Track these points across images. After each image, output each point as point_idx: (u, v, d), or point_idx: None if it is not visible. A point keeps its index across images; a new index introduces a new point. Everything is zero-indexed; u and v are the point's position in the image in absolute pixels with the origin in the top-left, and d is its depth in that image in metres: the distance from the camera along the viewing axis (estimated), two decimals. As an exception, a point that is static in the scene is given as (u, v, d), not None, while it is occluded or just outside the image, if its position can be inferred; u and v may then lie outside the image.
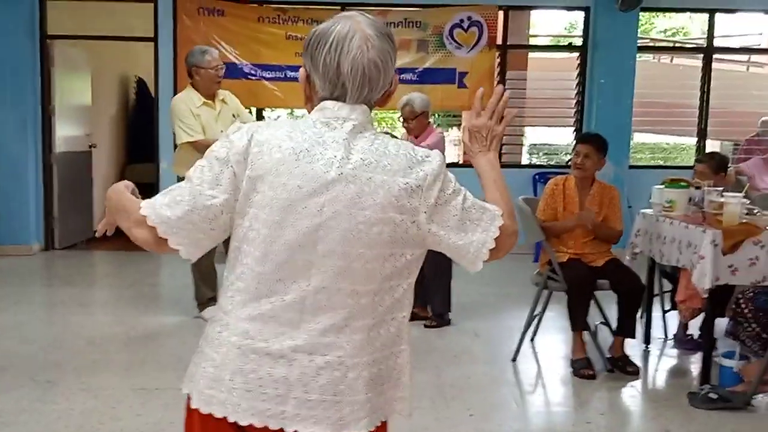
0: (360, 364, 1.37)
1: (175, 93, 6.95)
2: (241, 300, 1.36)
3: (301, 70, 1.43)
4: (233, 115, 4.72)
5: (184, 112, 4.58)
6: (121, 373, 3.96)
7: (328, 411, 1.35)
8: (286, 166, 1.32)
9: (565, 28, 15.82)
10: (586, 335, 4.05)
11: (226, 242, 1.42)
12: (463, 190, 1.42)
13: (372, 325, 1.38)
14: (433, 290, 4.75)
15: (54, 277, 6.53)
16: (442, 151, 4.64)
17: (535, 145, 10.90)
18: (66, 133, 7.38)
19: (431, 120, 5.05)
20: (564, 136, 9.00)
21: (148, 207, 1.35)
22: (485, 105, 1.60)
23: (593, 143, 4.12)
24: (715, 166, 4.42)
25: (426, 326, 4.73)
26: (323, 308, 1.35)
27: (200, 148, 4.44)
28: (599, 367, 4.01)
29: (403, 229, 1.35)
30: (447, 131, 13.27)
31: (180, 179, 4.62)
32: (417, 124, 4.70)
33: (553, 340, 4.60)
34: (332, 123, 1.36)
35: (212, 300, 4.67)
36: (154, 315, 5.04)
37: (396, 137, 1.56)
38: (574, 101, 7.65)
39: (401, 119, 4.80)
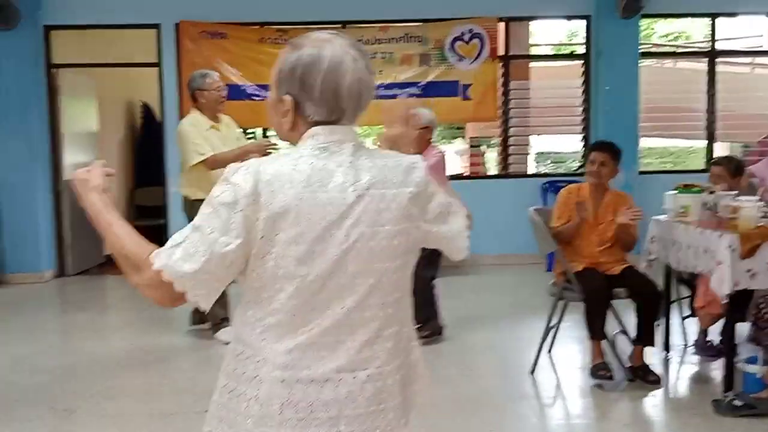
0: (394, 369, 1.42)
1: (180, 116, 7.00)
2: (276, 334, 1.35)
3: (287, 98, 1.39)
4: (236, 139, 4.83)
5: (193, 133, 4.60)
6: (139, 398, 3.94)
7: (377, 420, 1.39)
8: (304, 201, 1.31)
9: (567, 36, 15.86)
10: (604, 344, 4.01)
11: None
12: (439, 189, 1.53)
13: (398, 331, 1.44)
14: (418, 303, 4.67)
15: (67, 303, 6.53)
16: (442, 171, 4.62)
17: (542, 153, 10.90)
18: (74, 159, 7.41)
19: (434, 137, 5.00)
20: (571, 144, 8.98)
21: (161, 263, 1.29)
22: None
23: (609, 151, 4.10)
24: (732, 169, 4.38)
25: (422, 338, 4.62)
26: (358, 326, 1.38)
27: (213, 164, 4.48)
28: (620, 377, 3.96)
29: (414, 235, 1.44)
30: (451, 142, 13.30)
31: (189, 201, 4.65)
32: (418, 137, 4.65)
33: (571, 351, 4.55)
34: (331, 148, 1.37)
35: (225, 320, 4.66)
36: (168, 338, 5.02)
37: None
38: (580, 109, 7.64)
39: None
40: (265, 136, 7.81)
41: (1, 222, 6.93)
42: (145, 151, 8.95)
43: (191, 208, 4.69)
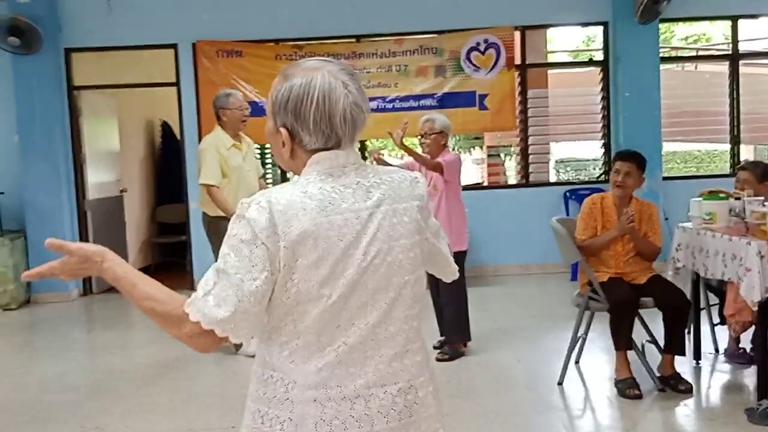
0: (425, 381, 1.46)
1: (199, 133, 7.09)
2: (304, 356, 1.36)
3: (282, 130, 1.40)
4: (256, 158, 4.97)
5: (210, 154, 4.70)
6: (167, 414, 3.94)
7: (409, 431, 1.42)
8: (319, 225, 1.33)
9: (583, 42, 15.79)
10: (632, 354, 3.95)
11: None
12: None
13: (423, 343, 1.49)
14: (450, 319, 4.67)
15: (93, 322, 6.59)
16: (458, 170, 4.64)
17: (561, 161, 10.83)
18: (97, 179, 7.51)
19: (450, 144, 5.00)
20: (591, 151, 8.91)
21: (199, 314, 1.31)
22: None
23: (634, 161, 4.05)
24: (759, 174, 4.29)
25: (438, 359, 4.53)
26: (384, 340, 1.40)
27: (211, 193, 4.60)
28: (650, 387, 3.90)
29: (426, 247, 1.49)
30: (470, 152, 13.25)
31: (208, 217, 4.71)
32: (433, 143, 4.66)
33: (599, 361, 4.49)
34: (336, 172, 1.39)
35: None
36: (192, 354, 5.03)
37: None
38: (600, 115, 7.58)
39: (419, 136, 4.79)
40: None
41: (28, 242, 7.03)
42: (166, 168, 9.05)
43: (210, 224, 4.74)
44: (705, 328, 4.50)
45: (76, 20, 7.17)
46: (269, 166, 7.79)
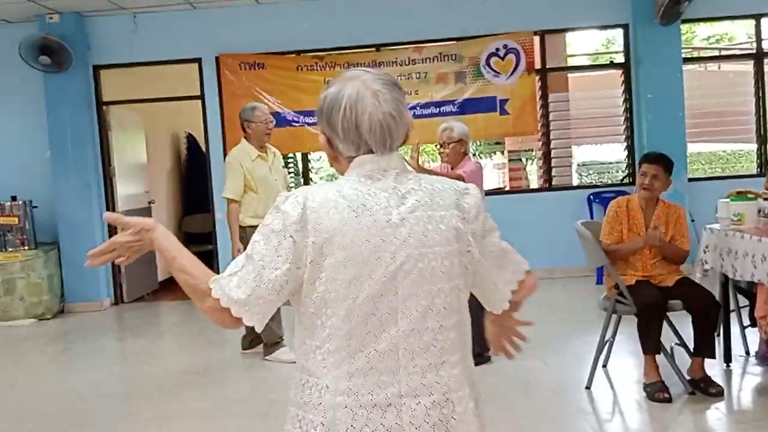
0: (464, 396, 1.42)
1: (224, 145, 7.20)
2: (335, 360, 1.38)
3: (321, 136, 1.47)
4: (281, 168, 5.08)
5: (233, 167, 4.85)
6: (199, 420, 4.01)
7: None
8: (349, 225, 1.35)
9: (603, 45, 15.71)
10: (661, 358, 3.93)
11: None
12: (496, 228, 1.52)
13: (463, 357, 1.45)
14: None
15: (125, 330, 6.71)
16: (480, 180, 4.64)
17: (584, 164, 10.78)
18: (126, 191, 7.67)
19: (470, 151, 5.01)
20: (614, 153, 8.87)
21: (219, 291, 1.38)
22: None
23: (661, 163, 4.03)
24: None
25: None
26: (417, 350, 1.38)
27: (228, 207, 4.79)
28: (680, 390, 3.88)
29: (467, 259, 1.44)
30: (490, 157, 13.23)
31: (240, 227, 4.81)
32: (453, 152, 4.65)
33: (627, 364, 4.47)
34: (375, 175, 1.42)
35: (280, 340, 4.84)
36: (222, 361, 5.12)
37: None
38: (623, 118, 7.56)
39: (438, 145, 4.80)
40: (305, 161, 7.98)
41: (62, 255, 7.18)
42: (192, 179, 9.19)
43: (241, 234, 4.82)
44: (735, 330, 4.46)
45: (103, 38, 7.35)
46: (291, 175, 7.88)
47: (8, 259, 6.84)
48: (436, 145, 4.95)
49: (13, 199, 7.00)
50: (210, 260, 7.89)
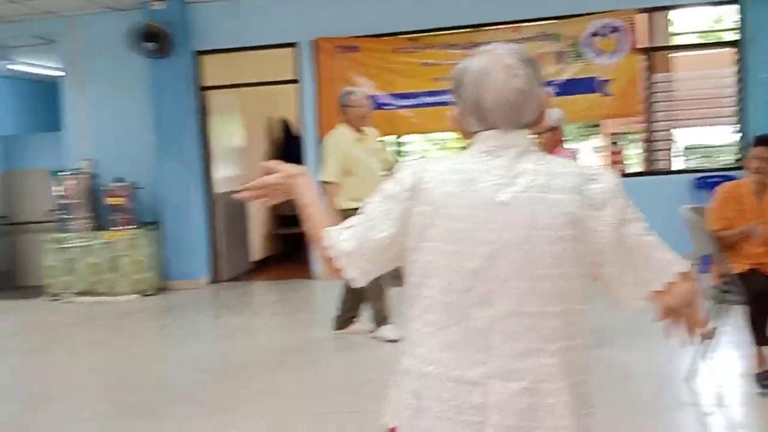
0: (559, 389, 1.35)
1: (319, 129, 7.31)
2: (430, 332, 1.39)
3: (453, 108, 1.48)
4: (379, 151, 5.12)
5: (330, 151, 4.94)
6: (293, 398, 4.10)
7: None
8: (455, 198, 1.36)
9: (713, 23, 14.83)
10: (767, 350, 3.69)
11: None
12: (642, 220, 1.40)
13: (567, 347, 1.37)
14: None
15: (221, 308, 6.98)
16: None
17: (689, 147, 10.24)
18: (224, 174, 7.94)
19: (564, 137, 4.84)
20: (722, 136, 8.38)
21: (329, 240, 1.45)
22: None
23: None
24: None
25: None
26: (514, 333, 1.35)
27: (325, 190, 4.80)
28: (791, 385, 3.63)
29: (586, 247, 1.36)
30: (588, 140, 12.81)
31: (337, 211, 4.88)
32: (547, 139, 4.52)
33: (731, 356, 4.23)
34: (495, 152, 1.40)
35: (386, 319, 4.87)
36: (317, 340, 5.21)
37: None
38: (732, 99, 7.11)
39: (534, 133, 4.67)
40: (398, 144, 7.98)
41: (165, 234, 7.54)
42: (287, 163, 9.40)
43: (338, 217, 4.90)
44: None
45: (204, 24, 7.60)
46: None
47: (114, 237, 7.24)
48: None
49: (120, 180, 7.39)
50: (301, 243, 8.07)
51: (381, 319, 4.95)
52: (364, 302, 5.03)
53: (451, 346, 1.36)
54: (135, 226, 7.33)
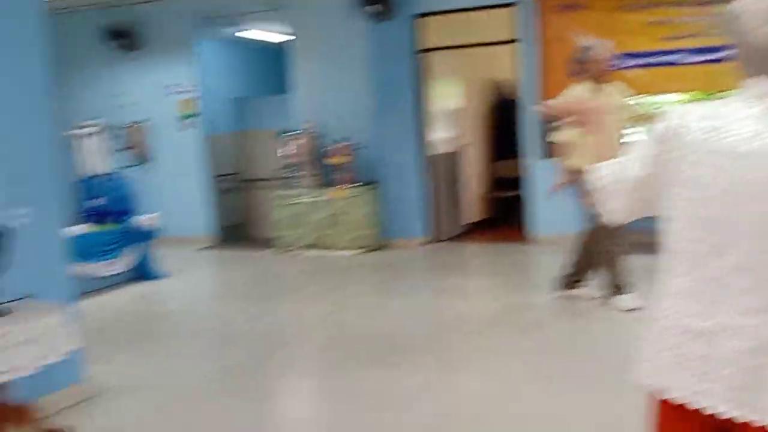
0: None
1: (538, 90, 7.06)
2: (663, 278, 1.41)
3: (729, 51, 1.41)
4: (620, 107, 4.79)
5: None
6: (516, 358, 4.06)
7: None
8: (704, 145, 1.33)
9: None
10: None
11: None
12: None
13: None
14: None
15: (438, 268, 7.06)
16: None
17: None
18: (440, 135, 8.02)
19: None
20: None
21: (594, 173, 1.57)
22: None
23: None
24: None
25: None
26: (746, 288, 1.28)
27: (562, 150, 4.62)
28: None
29: None
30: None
31: (571, 172, 4.68)
32: None
33: None
34: (752, 100, 1.32)
35: (621, 288, 4.67)
36: (542, 303, 5.08)
37: None
38: None
39: None
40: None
41: (384, 193, 7.81)
42: (503, 126, 9.26)
43: (573, 178, 4.70)
44: None
45: (425, -14, 7.64)
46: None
47: (336, 195, 7.64)
48: None
49: (343, 140, 7.76)
50: (516, 205, 7.94)
51: (616, 288, 4.73)
52: (594, 268, 4.82)
53: (680, 295, 1.35)
54: (356, 185, 7.67)
